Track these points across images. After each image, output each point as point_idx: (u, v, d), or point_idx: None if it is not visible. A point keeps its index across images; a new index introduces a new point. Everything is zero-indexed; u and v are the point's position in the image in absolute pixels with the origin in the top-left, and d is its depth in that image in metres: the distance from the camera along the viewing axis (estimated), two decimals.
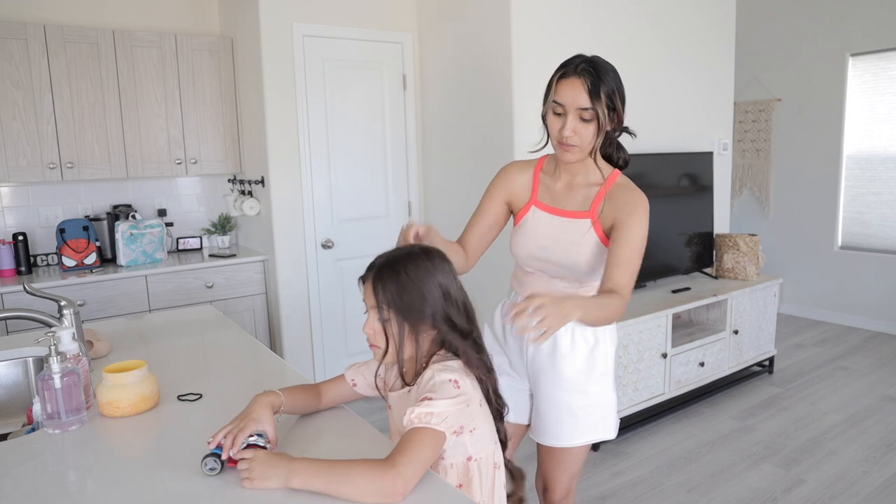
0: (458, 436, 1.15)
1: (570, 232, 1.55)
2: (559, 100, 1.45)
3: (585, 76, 1.42)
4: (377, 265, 1.20)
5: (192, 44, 3.51)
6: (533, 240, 1.60)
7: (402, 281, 1.16)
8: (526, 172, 1.65)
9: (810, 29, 4.92)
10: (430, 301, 1.17)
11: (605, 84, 1.43)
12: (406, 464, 1.01)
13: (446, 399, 1.11)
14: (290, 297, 3.50)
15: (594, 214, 1.53)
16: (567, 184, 1.59)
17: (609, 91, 1.44)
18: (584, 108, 1.43)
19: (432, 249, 1.24)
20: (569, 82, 1.44)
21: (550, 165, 1.63)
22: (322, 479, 1.01)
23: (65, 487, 1.11)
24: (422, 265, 1.19)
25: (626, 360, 3.04)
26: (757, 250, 3.78)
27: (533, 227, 1.60)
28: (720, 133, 4.11)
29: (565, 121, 1.45)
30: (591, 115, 1.44)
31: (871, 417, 3.29)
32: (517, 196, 1.64)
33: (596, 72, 1.43)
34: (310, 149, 3.48)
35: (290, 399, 1.28)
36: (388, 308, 1.17)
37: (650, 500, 2.58)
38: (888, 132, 4.61)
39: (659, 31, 3.65)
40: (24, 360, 1.81)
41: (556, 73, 1.49)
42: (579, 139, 1.46)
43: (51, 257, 3.43)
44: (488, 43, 3.19)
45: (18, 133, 3.09)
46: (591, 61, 1.45)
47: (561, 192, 1.59)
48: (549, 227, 1.58)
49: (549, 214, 1.59)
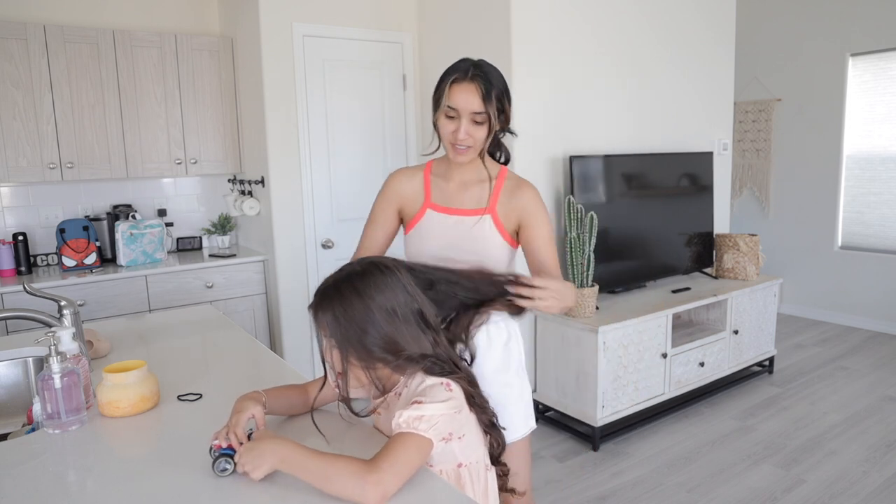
0: (447, 442, 1.13)
1: (471, 229, 1.58)
2: (453, 104, 1.48)
3: (478, 81, 1.47)
4: (316, 293, 1.17)
5: (192, 44, 3.51)
6: (433, 241, 1.60)
7: (337, 313, 1.13)
8: (415, 178, 1.66)
9: (810, 29, 4.92)
10: (372, 330, 1.12)
11: (496, 87, 1.49)
12: (388, 470, 0.99)
13: (437, 403, 1.09)
14: (290, 297, 3.50)
15: (492, 210, 1.58)
16: (460, 183, 1.62)
17: (499, 94, 1.50)
18: (478, 112, 1.47)
19: (371, 266, 1.18)
20: (462, 87, 1.47)
21: (440, 167, 1.65)
22: (307, 473, 1.01)
23: (65, 487, 1.11)
24: (360, 288, 1.13)
25: (626, 360, 3.04)
26: (757, 250, 3.78)
27: (429, 230, 1.61)
28: (720, 133, 4.11)
29: (459, 124, 1.49)
30: (484, 118, 1.49)
31: (871, 417, 3.29)
32: (409, 202, 1.65)
33: (486, 76, 1.48)
34: (310, 149, 3.48)
35: (274, 399, 1.27)
36: (329, 339, 1.14)
37: (650, 500, 2.58)
38: (888, 132, 4.61)
39: (659, 31, 3.65)
40: (24, 360, 1.81)
41: (446, 78, 1.51)
42: (473, 141, 1.51)
43: (51, 257, 3.43)
44: (488, 43, 3.18)
45: (18, 133, 3.09)
46: (479, 66, 1.50)
47: (454, 191, 1.62)
48: (448, 228, 1.60)
49: (444, 215, 1.60)
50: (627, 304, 3.28)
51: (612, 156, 3.35)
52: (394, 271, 1.18)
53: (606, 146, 3.46)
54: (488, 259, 1.58)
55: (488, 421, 1.26)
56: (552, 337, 3.16)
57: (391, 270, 1.18)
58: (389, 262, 1.21)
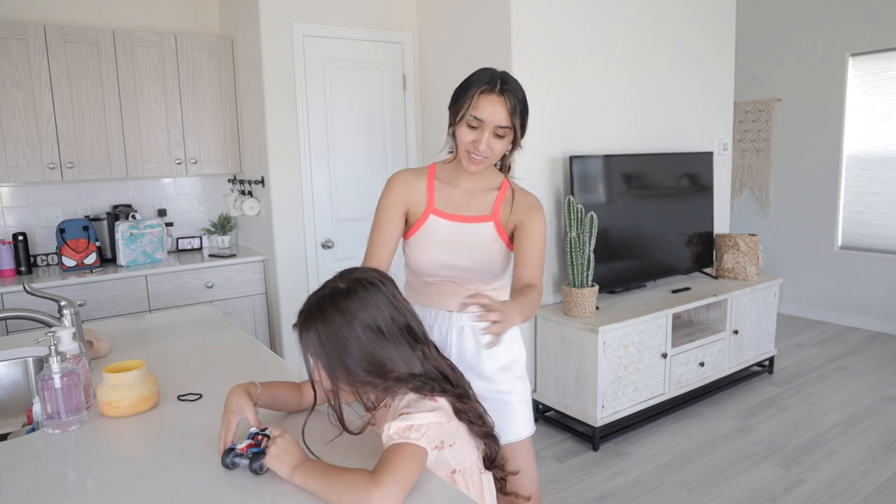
0: (440, 451, 1.13)
1: (477, 237, 1.58)
2: (479, 115, 1.47)
3: (507, 95, 1.47)
4: (300, 313, 1.16)
5: (192, 44, 3.51)
6: (436, 248, 1.59)
7: (322, 334, 1.11)
8: (420, 181, 1.63)
9: (810, 29, 4.92)
10: (356, 352, 1.10)
11: (521, 102, 1.50)
12: (390, 483, 0.98)
13: (425, 412, 1.09)
14: (290, 297, 3.50)
15: (496, 217, 1.59)
16: (466, 190, 1.61)
17: (523, 109, 1.51)
18: (504, 126, 1.48)
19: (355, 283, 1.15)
20: (490, 99, 1.46)
21: (445, 172, 1.63)
22: (316, 483, 1.02)
23: (65, 487, 1.11)
24: (343, 307, 1.11)
25: (626, 360, 3.04)
26: (757, 250, 3.78)
27: (433, 236, 1.59)
28: (720, 133, 4.11)
29: (481, 135, 1.48)
30: (506, 132, 1.49)
31: (871, 417, 3.29)
32: (414, 205, 1.62)
33: (514, 91, 1.48)
34: (310, 149, 3.48)
35: (269, 392, 1.27)
36: (316, 360, 1.14)
37: (650, 500, 2.58)
38: (888, 132, 4.61)
39: (659, 31, 3.65)
40: (24, 360, 1.81)
41: (472, 87, 1.49)
42: (491, 153, 1.50)
43: (51, 257, 3.43)
44: (488, 43, 3.18)
45: (18, 133, 3.09)
46: (507, 80, 1.49)
47: (460, 198, 1.61)
48: (453, 235, 1.58)
49: (449, 221, 1.59)
50: (627, 304, 3.28)
51: (612, 156, 3.35)
52: (378, 286, 1.15)
53: (606, 146, 3.46)
54: (489, 264, 1.60)
55: (482, 432, 1.24)
56: (552, 337, 3.16)
57: (375, 286, 1.15)
58: (374, 277, 1.18)
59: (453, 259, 1.59)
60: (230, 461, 1.10)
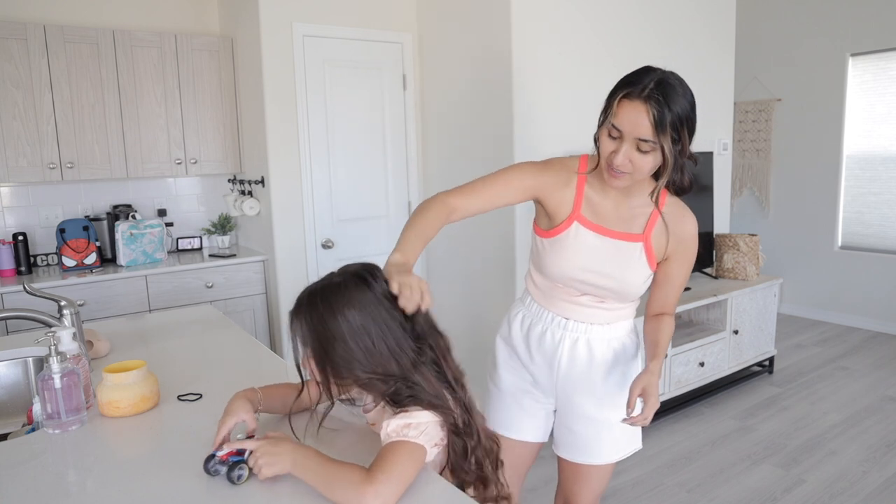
0: (438, 448, 1.12)
1: (622, 255, 1.43)
2: (617, 124, 1.28)
3: (652, 103, 1.24)
4: (297, 300, 1.14)
5: (192, 44, 3.51)
6: (576, 260, 1.45)
7: (313, 323, 1.10)
8: (570, 182, 1.46)
9: (810, 29, 4.92)
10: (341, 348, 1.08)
11: (674, 113, 1.25)
12: (384, 481, 0.97)
13: (423, 411, 1.08)
14: (290, 297, 3.46)
15: (647, 238, 1.43)
16: (617, 203, 1.44)
17: (676, 121, 1.26)
18: (645, 139, 1.26)
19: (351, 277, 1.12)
20: (632, 106, 1.26)
21: (597, 179, 1.45)
22: (313, 477, 1.02)
23: (65, 487, 1.11)
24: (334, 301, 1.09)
25: None
26: (757, 250, 3.78)
27: (575, 246, 1.45)
28: (720, 133, 4.11)
29: (620, 147, 1.29)
30: (651, 147, 1.27)
31: (871, 417, 3.29)
32: (555, 204, 1.46)
33: (665, 98, 1.25)
34: (310, 149, 3.47)
35: (269, 397, 1.27)
36: (305, 349, 1.12)
37: (650, 500, 2.58)
38: (888, 132, 4.61)
39: (659, 31, 3.65)
40: (24, 360, 1.81)
41: (618, 90, 1.30)
42: (632, 168, 1.30)
43: (51, 257, 3.43)
44: (489, 42, 3.18)
45: (18, 133, 3.09)
46: (662, 83, 1.27)
47: (609, 210, 1.44)
48: (597, 249, 1.44)
49: (595, 234, 1.44)
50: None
51: None
52: (371, 284, 1.12)
53: None
54: (628, 286, 1.46)
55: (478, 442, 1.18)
56: None
57: (367, 283, 1.12)
58: (369, 274, 1.14)
59: (591, 273, 1.45)
60: (212, 468, 1.08)
